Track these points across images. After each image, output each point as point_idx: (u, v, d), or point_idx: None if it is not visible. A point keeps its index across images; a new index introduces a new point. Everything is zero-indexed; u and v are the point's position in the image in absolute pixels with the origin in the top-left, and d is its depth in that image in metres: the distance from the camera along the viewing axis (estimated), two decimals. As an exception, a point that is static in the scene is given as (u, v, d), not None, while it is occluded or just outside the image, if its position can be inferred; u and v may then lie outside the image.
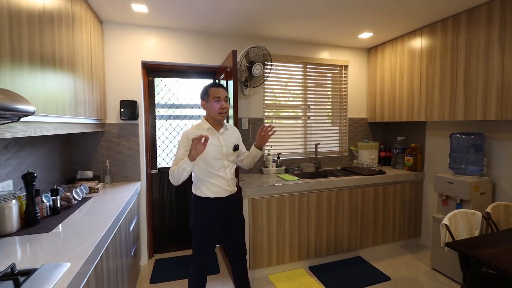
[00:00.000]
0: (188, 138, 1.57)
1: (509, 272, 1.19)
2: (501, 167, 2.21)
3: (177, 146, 1.63)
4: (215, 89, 1.63)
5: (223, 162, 1.65)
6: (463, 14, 2.15)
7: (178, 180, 1.52)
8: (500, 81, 1.93)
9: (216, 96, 1.62)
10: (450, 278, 2.26)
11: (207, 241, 1.66)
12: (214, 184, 1.63)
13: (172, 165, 1.56)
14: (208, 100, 1.64)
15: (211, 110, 1.63)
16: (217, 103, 1.61)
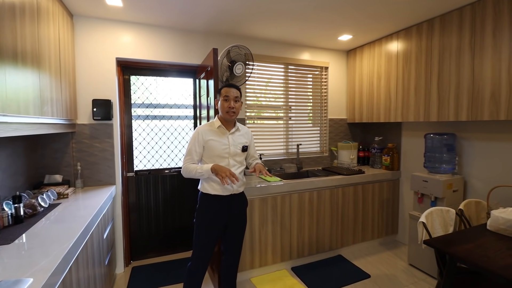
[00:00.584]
0: (200, 134, 1.66)
1: (483, 268, 1.23)
2: (471, 166, 2.33)
3: (189, 141, 1.69)
4: (226, 88, 1.68)
5: (229, 161, 1.69)
6: (437, 19, 2.25)
7: (190, 177, 1.67)
8: (471, 84, 2.02)
9: (225, 95, 1.66)
10: (426, 273, 2.35)
11: (205, 237, 1.67)
12: (216, 181, 1.64)
13: (185, 159, 1.66)
14: (219, 99, 1.70)
15: (221, 108, 1.68)
16: (226, 102, 1.66)
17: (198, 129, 1.69)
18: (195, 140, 1.66)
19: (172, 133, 2.75)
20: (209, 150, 1.65)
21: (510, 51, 1.79)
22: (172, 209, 2.73)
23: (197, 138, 1.66)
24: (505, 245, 1.43)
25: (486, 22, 1.91)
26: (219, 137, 1.67)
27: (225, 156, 1.68)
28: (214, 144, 1.65)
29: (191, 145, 1.66)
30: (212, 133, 1.68)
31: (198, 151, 1.66)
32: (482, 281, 1.59)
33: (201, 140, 1.66)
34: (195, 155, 1.66)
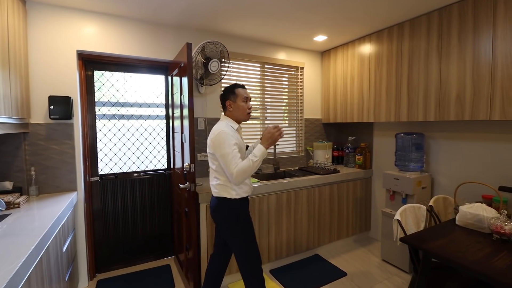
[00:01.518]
0: (233, 136, 1.56)
1: (457, 263, 1.28)
2: (438, 163, 2.46)
3: (224, 145, 1.52)
4: (242, 90, 1.68)
5: None
6: (407, 23, 2.34)
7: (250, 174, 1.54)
8: (438, 86, 2.13)
9: (245, 96, 1.67)
10: (399, 268, 2.44)
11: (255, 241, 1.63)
12: (246, 183, 1.64)
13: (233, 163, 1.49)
14: (235, 100, 1.66)
15: (239, 110, 1.66)
16: (246, 103, 1.66)
17: (226, 130, 1.55)
18: (229, 143, 1.52)
19: (142, 134, 2.57)
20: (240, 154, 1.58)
21: (474, 55, 1.90)
22: (143, 215, 2.55)
23: (232, 140, 1.53)
24: (474, 239, 1.50)
25: (452, 27, 2.01)
26: (240, 138, 1.65)
27: (243, 157, 1.63)
28: (240, 145, 1.61)
29: (231, 149, 1.51)
30: (236, 135, 1.62)
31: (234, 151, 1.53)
32: (454, 274, 1.67)
33: (235, 141, 1.55)
34: (236, 155, 1.52)
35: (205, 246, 2.07)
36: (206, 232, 2.07)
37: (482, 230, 1.59)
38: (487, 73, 1.83)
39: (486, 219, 1.56)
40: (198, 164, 2.59)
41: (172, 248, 2.68)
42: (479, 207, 1.66)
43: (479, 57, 1.87)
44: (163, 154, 2.66)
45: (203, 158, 2.62)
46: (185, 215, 2.08)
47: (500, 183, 1.99)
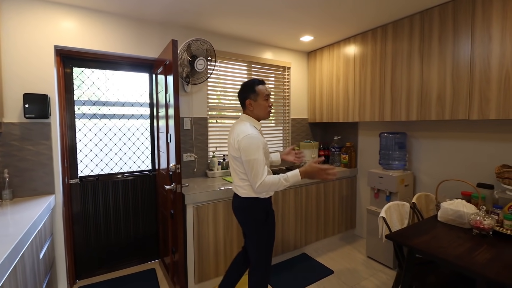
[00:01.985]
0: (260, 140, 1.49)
1: (441, 258, 1.31)
2: (419, 162, 2.54)
3: (250, 150, 1.45)
4: (263, 87, 1.59)
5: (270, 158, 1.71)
6: (390, 25, 2.40)
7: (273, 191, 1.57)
8: (420, 87, 2.20)
9: (266, 94, 1.59)
10: (383, 264, 2.49)
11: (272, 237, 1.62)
12: None
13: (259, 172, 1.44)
14: (256, 99, 1.58)
15: (261, 109, 1.58)
16: (267, 101, 1.59)
17: (253, 134, 1.48)
18: (258, 148, 1.46)
19: (124, 134, 2.48)
20: (265, 154, 1.52)
21: (454, 57, 1.98)
22: (126, 218, 2.46)
23: (258, 144, 1.47)
24: (455, 234, 1.56)
25: (433, 30, 2.08)
26: (261, 138, 1.54)
27: (267, 157, 1.59)
28: (266, 147, 1.56)
29: (258, 154, 1.45)
30: (260, 135, 1.57)
31: (263, 158, 1.48)
32: (436, 269, 1.72)
33: (263, 143, 1.51)
34: (263, 164, 1.47)
35: (192, 248, 2.03)
36: (192, 234, 2.02)
37: (462, 225, 1.65)
38: (466, 74, 1.91)
39: (466, 215, 1.62)
40: (184, 164, 2.54)
41: (157, 252, 2.61)
42: (459, 203, 1.72)
43: (458, 59, 1.95)
44: (147, 155, 2.58)
45: (189, 159, 2.57)
46: (171, 217, 2.03)
47: (478, 180, 2.08)
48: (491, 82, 1.79)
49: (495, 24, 1.75)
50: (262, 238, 1.58)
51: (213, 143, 2.76)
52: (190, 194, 1.99)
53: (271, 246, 1.63)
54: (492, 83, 1.78)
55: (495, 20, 1.75)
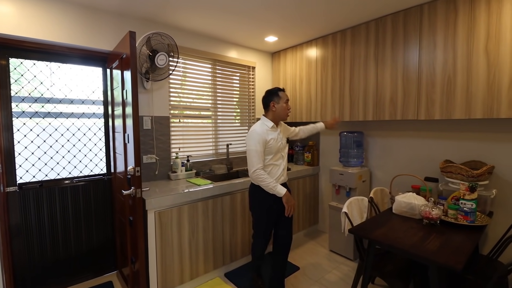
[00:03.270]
0: (262, 136, 1.81)
1: (398, 248, 1.42)
2: (374, 159, 2.73)
3: (249, 142, 1.82)
4: (284, 93, 1.95)
5: (282, 154, 1.94)
6: (349, 30, 2.53)
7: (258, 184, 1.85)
8: (375, 89, 2.36)
9: (286, 99, 1.93)
10: (345, 257, 2.63)
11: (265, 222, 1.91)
12: (272, 173, 1.88)
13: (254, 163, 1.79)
14: (279, 102, 1.91)
15: (281, 110, 1.92)
16: (286, 104, 1.92)
17: (257, 131, 1.83)
18: (257, 141, 1.79)
19: (74, 134, 2.23)
20: (270, 149, 1.84)
21: (404, 62, 2.16)
22: (77, 228, 2.22)
23: (259, 140, 1.80)
24: (408, 225, 1.69)
25: (386, 36, 2.25)
26: (274, 135, 1.88)
27: (280, 151, 1.92)
28: (273, 143, 1.85)
29: (255, 147, 1.79)
30: (269, 133, 1.86)
31: (261, 150, 1.80)
32: (392, 258, 1.86)
33: (263, 140, 1.81)
34: (258, 158, 1.79)
35: (154, 256, 1.90)
36: (155, 242, 1.90)
37: (414, 216, 1.81)
38: (414, 78, 2.10)
39: (417, 206, 1.78)
40: (144, 167, 2.37)
41: (114, 263, 2.40)
42: (410, 196, 1.88)
43: (408, 64, 2.13)
44: (101, 157, 2.36)
45: (150, 160, 2.41)
46: (130, 225, 1.87)
47: (425, 175, 2.30)
48: (435, 85, 1.99)
49: (439, 33, 1.95)
50: (259, 219, 1.93)
51: (176, 144, 2.63)
52: (151, 199, 1.86)
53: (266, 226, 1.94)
54: (436, 86, 1.98)
55: (439, 29, 1.95)
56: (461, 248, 1.37)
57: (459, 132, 2.14)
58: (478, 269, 1.67)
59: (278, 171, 1.91)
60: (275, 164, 1.89)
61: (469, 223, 1.63)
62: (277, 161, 1.90)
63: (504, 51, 1.69)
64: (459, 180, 1.86)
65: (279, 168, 1.91)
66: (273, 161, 1.88)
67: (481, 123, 2.02)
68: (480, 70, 1.78)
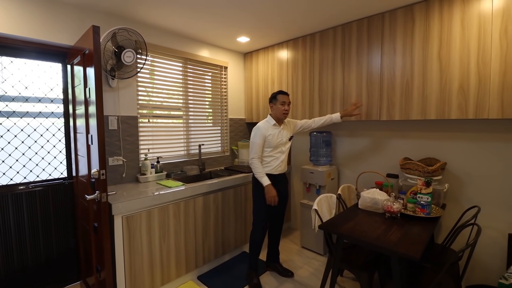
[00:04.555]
0: (262, 131, 2.12)
1: (363, 241, 1.50)
2: (342, 157, 2.87)
3: (253, 136, 2.15)
4: (282, 95, 2.16)
5: (282, 149, 2.20)
6: (318, 34, 2.63)
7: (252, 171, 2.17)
8: (342, 91, 2.47)
9: (282, 101, 2.14)
10: (315, 252, 2.72)
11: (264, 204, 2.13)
12: (270, 164, 2.17)
13: (252, 152, 2.13)
14: (275, 103, 2.16)
15: (277, 110, 2.16)
16: (282, 106, 2.13)
17: (259, 127, 2.14)
18: (258, 135, 2.12)
19: (29, 135, 2.05)
20: (269, 143, 2.14)
21: (368, 66, 2.29)
22: (34, 237, 2.03)
23: (260, 134, 2.12)
24: (372, 219, 1.81)
25: (352, 41, 2.37)
26: (275, 132, 2.15)
27: (279, 146, 2.17)
28: (272, 138, 2.13)
29: (256, 140, 2.12)
30: (270, 129, 2.15)
31: (261, 143, 2.12)
32: (359, 251, 1.97)
33: (263, 135, 2.12)
34: (258, 148, 2.12)
35: (121, 263, 1.81)
36: (122, 248, 1.81)
37: (377, 210, 1.93)
38: (377, 82, 2.24)
39: (380, 201, 1.90)
40: (110, 169, 2.25)
41: (77, 272, 2.25)
42: (375, 191, 2.00)
43: (371, 68, 2.27)
44: (61, 160, 2.19)
45: (116, 163, 2.29)
46: (95, 231, 1.77)
47: (387, 171, 2.47)
48: (395, 88, 2.14)
49: (398, 40, 2.11)
50: (258, 202, 2.18)
51: (145, 145, 2.53)
52: (118, 203, 1.78)
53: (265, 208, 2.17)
54: (396, 89, 2.14)
55: (398, 36, 2.10)
56: (418, 238, 1.49)
57: (416, 131, 2.32)
58: (433, 257, 1.83)
59: (276, 162, 2.17)
60: (274, 156, 2.17)
61: (425, 215, 1.78)
62: (276, 154, 2.17)
63: (454, 58, 1.87)
64: (417, 176, 2.02)
65: (277, 160, 2.17)
66: (273, 153, 2.16)
67: (435, 124, 2.22)
68: (434, 75, 1.95)
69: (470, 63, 1.80)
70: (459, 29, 1.84)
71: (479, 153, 2.03)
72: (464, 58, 1.83)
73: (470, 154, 2.07)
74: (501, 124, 1.93)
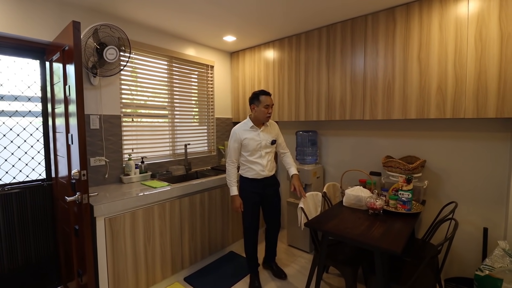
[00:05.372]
0: (237, 134, 2.07)
1: (347, 238, 1.54)
2: (327, 156, 2.92)
3: (230, 140, 2.12)
4: (265, 97, 2.04)
5: (261, 153, 2.08)
6: (303, 35, 2.66)
7: None
8: (327, 91, 2.52)
9: (266, 104, 2.03)
10: (302, 250, 2.76)
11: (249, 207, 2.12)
12: (252, 168, 2.09)
13: (227, 158, 2.13)
14: (258, 105, 2.04)
15: (260, 113, 2.05)
16: (266, 109, 2.03)
17: (235, 129, 2.09)
18: (233, 139, 2.08)
19: (4, 135, 1.95)
20: (245, 146, 2.06)
21: (352, 67, 2.34)
22: (11, 242, 1.94)
23: (235, 138, 2.07)
24: (356, 216, 1.85)
25: (337, 42, 2.42)
26: (252, 135, 2.06)
27: (258, 149, 2.07)
28: (248, 142, 2.06)
29: (231, 144, 2.10)
30: (246, 132, 2.07)
31: (236, 147, 2.08)
32: (344, 247, 2.01)
33: (238, 139, 2.06)
34: (233, 153, 2.09)
35: (104, 267, 1.76)
36: (105, 251, 1.76)
37: (361, 207, 1.98)
38: (360, 82, 2.30)
39: (363, 198, 1.95)
40: (92, 170, 2.18)
41: (58, 277, 2.16)
42: (358, 189, 2.05)
43: (355, 69, 2.32)
44: (39, 161, 2.11)
45: (98, 163, 2.23)
46: (75, 234, 1.71)
47: (370, 169, 2.53)
48: (378, 89, 2.20)
49: (381, 41, 2.17)
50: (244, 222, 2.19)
51: (129, 144, 2.48)
52: (100, 205, 1.73)
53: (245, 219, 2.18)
54: (378, 90, 2.20)
55: (381, 38, 2.17)
56: (400, 234, 1.54)
57: (398, 130, 2.40)
58: (414, 251, 1.90)
59: (258, 167, 2.08)
60: (253, 161, 2.08)
61: (406, 211, 1.85)
62: (256, 159, 2.08)
63: (433, 60, 1.94)
64: (398, 174, 2.09)
65: (259, 165, 2.08)
66: (251, 157, 2.08)
67: (415, 123, 2.30)
68: (414, 76, 2.03)
69: (447, 65, 1.88)
70: (437, 32, 1.92)
71: (456, 151, 2.12)
72: (442, 60, 1.90)
73: (447, 152, 2.16)
74: (476, 124, 2.03)
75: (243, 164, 2.15)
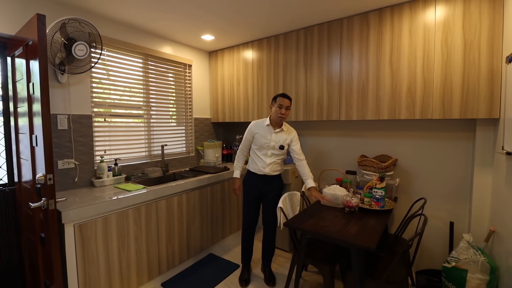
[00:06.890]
0: (252, 127, 2.20)
1: (325, 236, 1.57)
2: (305, 156, 2.93)
3: (246, 130, 2.23)
4: (281, 98, 2.09)
5: (267, 152, 2.14)
6: (282, 36, 2.68)
7: None
8: (305, 92, 2.56)
9: (280, 103, 2.08)
10: (281, 249, 2.78)
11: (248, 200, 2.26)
12: (255, 162, 2.19)
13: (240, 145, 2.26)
14: (274, 104, 2.12)
15: (273, 112, 2.12)
16: (279, 109, 2.07)
17: (252, 122, 2.22)
18: (248, 130, 2.21)
19: (-43, 136, 1.78)
20: (256, 140, 2.17)
21: (328, 68, 2.40)
22: (-36, 252, 1.77)
23: (249, 129, 2.20)
24: (333, 214, 1.90)
25: (314, 45, 2.47)
26: (265, 132, 2.14)
27: (266, 148, 2.14)
28: (258, 137, 2.15)
29: (245, 134, 2.23)
30: (261, 128, 2.16)
31: (249, 138, 2.20)
32: (323, 245, 2.05)
33: (252, 132, 2.18)
34: (245, 142, 2.23)
35: (75, 277, 1.66)
36: (75, 259, 1.66)
37: (338, 206, 2.03)
38: (336, 84, 2.36)
39: (340, 196, 2.00)
40: (59, 173, 2.05)
41: (21, 289, 2.01)
42: (335, 188, 2.11)
43: (331, 71, 2.38)
44: (0, 164, 1.94)
45: (67, 166, 2.10)
46: (42, 243, 1.59)
47: (346, 168, 2.61)
48: (353, 91, 2.27)
49: (355, 45, 2.24)
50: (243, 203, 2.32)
51: (101, 146, 2.36)
52: (69, 210, 1.62)
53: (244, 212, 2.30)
54: (353, 91, 2.27)
55: (355, 41, 2.24)
56: (374, 230, 1.60)
57: (372, 131, 2.49)
58: (387, 246, 1.98)
59: (261, 163, 2.16)
60: (258, 156, 2.17)
61: (380, 208, 1.92)
62: (261, 155, 2.16)
63: (403, 63, 2.04)
64: (372, 172, 2.17)
65: (261, 162, 2.15)
66: (258, 152, 2.17)
67: (387, 123, 2.40)
68: (386, 78, 2.11)
69: (416, 68, 1.99)
70: (407, 37, 2.01)
71: (424, 150, 2.25)
72: (412, 64, 2.00)
73: (417, 151, 2.28)
74: (442, 124, 2.16)
75: (250, 156, 2.26)
